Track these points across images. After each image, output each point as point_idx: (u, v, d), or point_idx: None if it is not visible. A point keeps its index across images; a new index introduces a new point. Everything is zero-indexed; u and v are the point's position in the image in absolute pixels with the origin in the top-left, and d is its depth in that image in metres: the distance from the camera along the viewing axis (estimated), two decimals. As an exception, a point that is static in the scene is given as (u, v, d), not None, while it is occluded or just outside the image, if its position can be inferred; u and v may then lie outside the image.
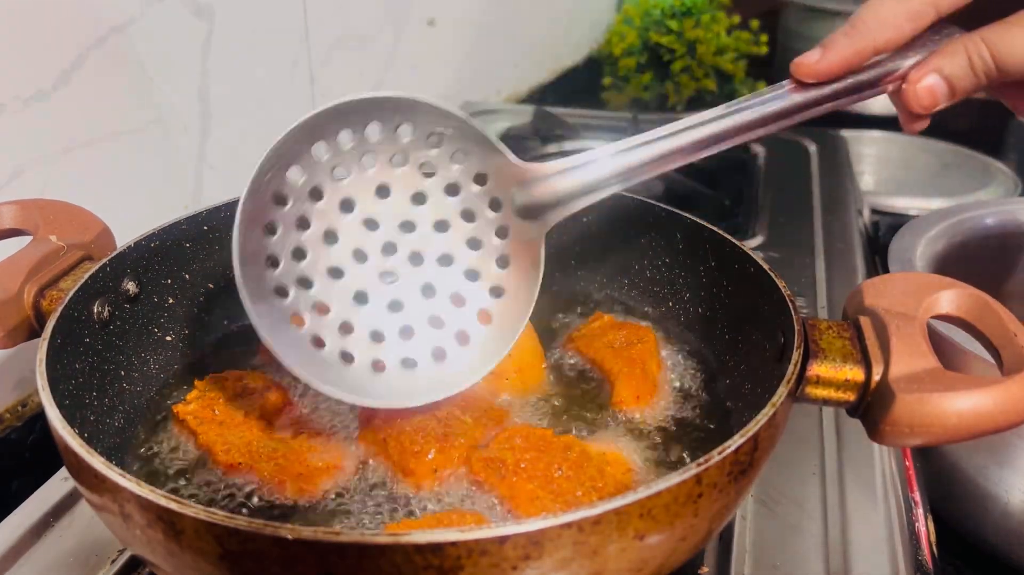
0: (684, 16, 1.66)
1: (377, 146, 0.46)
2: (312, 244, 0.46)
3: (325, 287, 0.46)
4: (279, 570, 0.34)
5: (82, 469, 0.38)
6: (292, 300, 0.46)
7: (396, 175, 0.46)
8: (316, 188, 0.46)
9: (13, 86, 0.66)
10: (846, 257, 0.92)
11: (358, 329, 0.47)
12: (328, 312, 0.46)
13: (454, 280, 0.47)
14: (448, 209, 0.47)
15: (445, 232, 0.47)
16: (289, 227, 0.46)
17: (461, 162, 0.47)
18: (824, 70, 0.45)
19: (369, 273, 0.47)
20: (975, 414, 0.40)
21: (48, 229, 0.54)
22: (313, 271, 0.46)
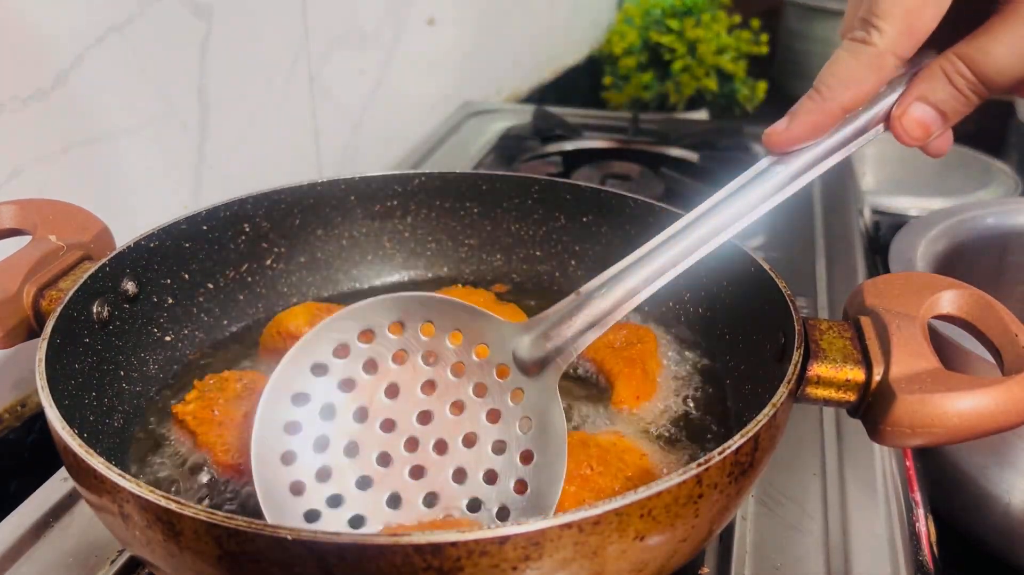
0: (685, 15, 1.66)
1: (375, 351, 0.47)
2: (335, 462, 0.46)
3: (356, 501, 0.45)
4: (278, 571, 0.34)
5: (81, 469, 0.38)
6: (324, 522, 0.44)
7: (400, 372, 0.47)
8: (326, 406, 0.46)
9: (12, 86, 0.66)
10: (846, 257, 0.92)
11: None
12: (364, 524, 0.45)
13: (483, 457, 0.46)
14: (459, 389, 0.47)
15: (462, 413, 0.47)
16: (306, 451, 0.45)
17: (458, 341, 0.47)
18: (794, 138, 0.44)
19: (397, 474, 0.46)
20: (976, 414, 0.40)
21: (47, 229, 0.54)
22: (341, 488, 0.45)
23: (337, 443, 0.46)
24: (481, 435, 0.47)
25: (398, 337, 0.47)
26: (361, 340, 0.47)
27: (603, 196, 0.66)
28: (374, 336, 0.47)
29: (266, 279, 0.66)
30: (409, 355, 0.47)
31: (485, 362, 0.47)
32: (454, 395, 0.47)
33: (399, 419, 0.47)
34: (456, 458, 0.46)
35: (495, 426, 0.47)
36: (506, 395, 0.47)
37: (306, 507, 0.45)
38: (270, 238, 0.65)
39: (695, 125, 1.36)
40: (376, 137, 1.17)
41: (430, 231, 0.70)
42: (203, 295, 0.61)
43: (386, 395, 0.47)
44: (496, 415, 0.47)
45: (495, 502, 0.45)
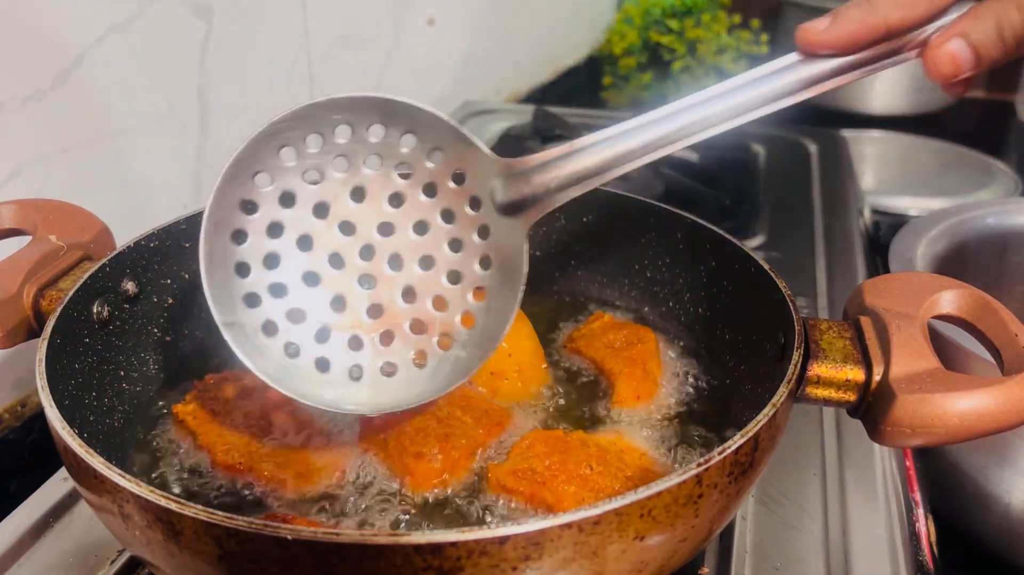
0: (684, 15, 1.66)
1: (349, 148, 0.44)
2: (285, 251, 0.45)
3: (300, 294, 0.45)
4: (278, 571, 0.34)
5: (81, 469, 0.38)
6: (264, 308, 0.44)
7: (371, 176, 0.44)
8: (287, 193, 0.44)
9: (12, 85, 0.66)
10: (846, 257, 0.92)
11: (335, 336, 0.45)
12: (304, 320, 0.45)
13: (435, 283, 0.45)
14: (426, 210, 0.45)
15: (424, 234, 0.45)
16: (260, 234, 0.44)
17: (437, 161, 0.45)
18: (831, 41, 0.42)
19: (347, 278, 0.45)
20: (976, 414, 0.40)
21: (47, 229, 0.54)
22: (287, 278, 0.45)
23: (290, 232, 0.44)
24: (439, 260, 0.45)
25: (376, 141, 0.44)
26: (337, 134, 0.43)
27: (603, 196, 0.66)
28: (352, 132, 0.44)
29: (266, 279, 0.66)
30: (383, 161, 0.44)
31: (460, 189, 0.45)
32: (420, 214, 0.45)
33: (359, 224, 0.45)
34: (408, 277, 0.45)
35: (455, 255, 0.45)
36: (473, 228, 0.45)
37: (248, 290, 0.44)
38: (270, 238, 0.65)
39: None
40: (376, 137, 1.17)
41: (430, 231, 0.70)
42: (203, 295, 0.61)
43: (351, 197, 0.45)
44: (458, 245, 0.45)
45: (437, 330, 0.45)
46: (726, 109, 0.44)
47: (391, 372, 0.46)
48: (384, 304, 0.46)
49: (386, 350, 0.46)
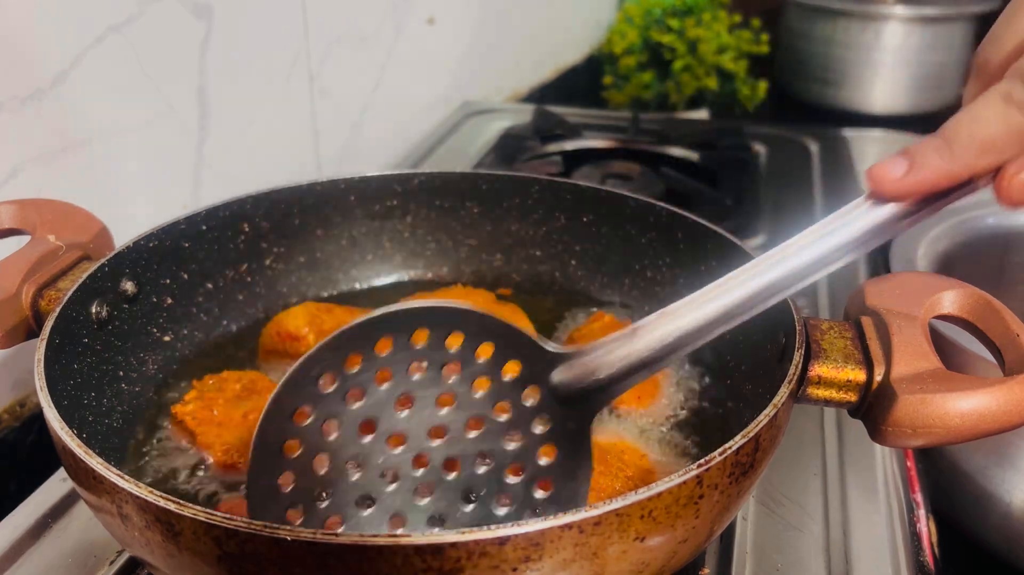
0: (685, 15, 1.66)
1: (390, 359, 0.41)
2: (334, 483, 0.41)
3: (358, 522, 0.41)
4: (277, 571, 0.34)
5: (80, 470, 0.38)
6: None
7: (417, 382, 0.41)
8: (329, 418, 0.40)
9: (11, 85, 0.66)
10: (847, 257, 0.92)
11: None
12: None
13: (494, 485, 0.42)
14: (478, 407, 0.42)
15: (478, 433, 0.42)
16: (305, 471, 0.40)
17: (487, 354, 0.42)
18: (910, 190, 0.38)
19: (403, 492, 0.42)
20: (977, 415, 0.40)
21: (46, 229, 0.54)
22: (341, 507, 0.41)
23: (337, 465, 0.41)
24: (496, 458, 0.42)
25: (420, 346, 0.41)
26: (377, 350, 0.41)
27: (603, 196, 0.66)
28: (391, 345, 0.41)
29: (265, 279, 0.66)
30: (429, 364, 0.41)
31: (514, 381, 0.42)
32: (472, 411, 0.42)
33: (410, 434, 0.42)
34: (465, 481, 0.42)
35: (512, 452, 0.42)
36: (530, 424, 0.42)
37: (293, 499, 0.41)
38: (269, 238, 0.65)
39: (695, 125, 1.36)
40: (376, 137, 1.17)
41: (430, 231, 0.70)
42: (202, 295, 0.61)
43: (396, 407, 0.42)
44: (515, 442, 0.42)
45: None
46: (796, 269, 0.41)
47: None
48: (444, 512, 0.42)
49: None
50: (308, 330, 0.58)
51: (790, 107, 1.80)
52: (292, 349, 0.58)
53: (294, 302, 0.66)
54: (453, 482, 0.42)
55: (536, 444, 0.42)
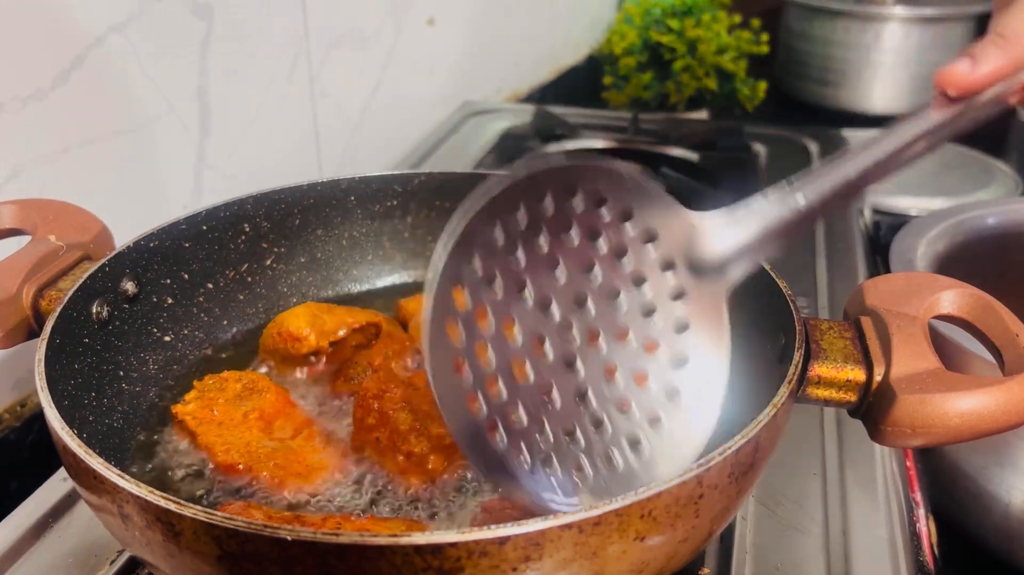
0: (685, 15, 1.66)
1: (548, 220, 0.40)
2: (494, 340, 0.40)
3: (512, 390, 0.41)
4: (278, 571, 0.34)
5: (81, 470, 0.38)
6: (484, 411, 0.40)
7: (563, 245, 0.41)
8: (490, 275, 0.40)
9: (12, 85, 0.66)
10: (847, 257, 0.92)
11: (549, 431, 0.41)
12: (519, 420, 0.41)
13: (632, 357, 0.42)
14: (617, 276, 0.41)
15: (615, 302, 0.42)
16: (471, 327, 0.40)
17: (629, 219, 0.41)
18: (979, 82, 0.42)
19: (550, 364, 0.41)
20: (977, 415, 0.40)
21: (47, 229, 0.54)
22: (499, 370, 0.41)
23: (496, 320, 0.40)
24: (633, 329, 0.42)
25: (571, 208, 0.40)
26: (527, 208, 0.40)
27: (603, 196, 0.66)
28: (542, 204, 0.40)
29: (266, 279, 0.66)
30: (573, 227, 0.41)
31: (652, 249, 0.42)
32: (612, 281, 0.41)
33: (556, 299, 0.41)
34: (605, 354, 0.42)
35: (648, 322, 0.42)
36: (667, 292, 0.42)
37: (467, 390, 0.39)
38: (270, 238, 0.65)
39: (695, 125, 1.36)
40: (376, 137, 1.17)
41: (430, 231, 0.70)
42: (203, 295, 0.61)
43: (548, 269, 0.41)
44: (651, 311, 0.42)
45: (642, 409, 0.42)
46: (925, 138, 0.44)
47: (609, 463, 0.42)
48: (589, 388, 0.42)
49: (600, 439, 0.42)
50: (309, 330, 0.58)
51: (790, 107, 1.80)
52: (293, 349, 0.58)
53: (295, 302, 0.66)
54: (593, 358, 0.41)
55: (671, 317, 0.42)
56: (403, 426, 0.49)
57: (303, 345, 0.58)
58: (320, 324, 0.59)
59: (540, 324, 0.41)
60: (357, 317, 0.61)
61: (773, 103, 1.73)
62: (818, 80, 1.74)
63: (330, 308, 0.61)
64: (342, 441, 0.51)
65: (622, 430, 0.42)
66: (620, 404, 0.42)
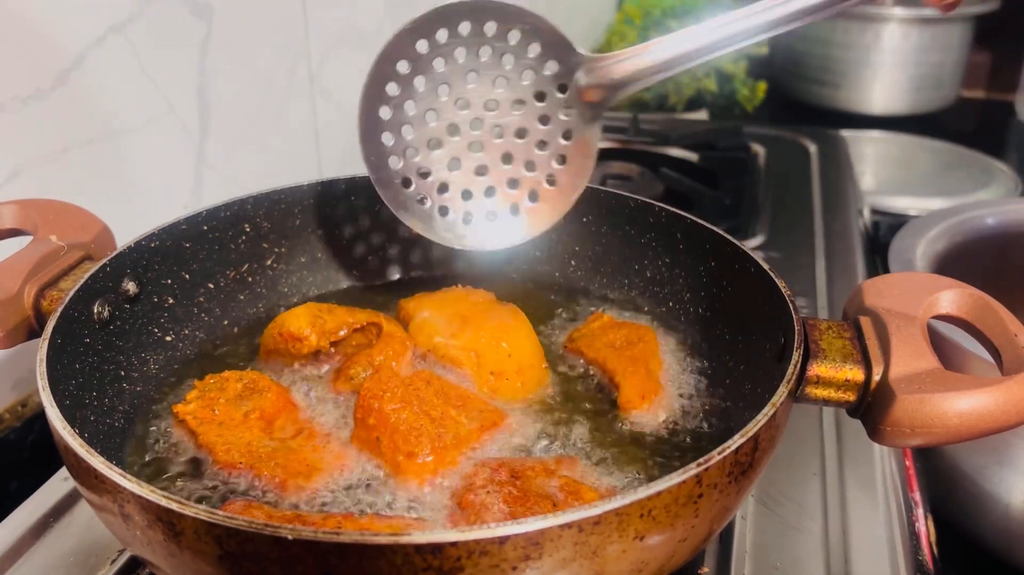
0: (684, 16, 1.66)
1: (467, 40, 0.55)
2: (417, 121, 0.57)
3: (426, 156, 0.57)
4: (278, 570, 0.34)
5: (82, 469, 0.38)
6: (402, 167, 0.57)
7: (482, 63, 0.55)
8: (419, 77, 0.56)
9: (12, 86, 0.66)
10: (846, 257, 0.92)
11: (452, 189, 0.58)
12: (429, 176, 0.58)
13: (527, 149, 0.57)
14: (523, 91, 0.56)
15: (521, 110, 0.56)
16: (398, 108, 0.56)
17: (535, 52, 0.55)
18: None
19: (461, 144, 0.57)
20: (976, 414, 0.40)
21: (48, 229, 0.54)
22: (418, 143, 0.57)
23: (420, 106, 0.56)
24: (531, 132, 0.57)
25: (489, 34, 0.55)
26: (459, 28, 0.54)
27: (603, 196, 0.66)
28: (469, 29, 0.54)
29: (266, 279, 0.66)
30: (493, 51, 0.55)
31: (552, 75, 0.55)
32: (518, 94, 0.56)
33: (472, 101, 0.56)
34: (507, 144, 0.57)
35: (544, 128, 0.57)
36: (560, 108, 0.56)
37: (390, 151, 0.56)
38: (270, 238, 0.65)
39: (695, 125, 1.36)
40: (376, 137, 1.17)
41: (430, 231, 0.70)
42: (203, 295, 0.61)
43: (466, 78, 0.56)
44: (546, 120, 0.56)
45: (528, 186, 0.58)
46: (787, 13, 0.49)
47: (493, 218, 0.59)
48: (489, 165, 0.58)
49: (489, 201, 0.59)
50: (310, 331, 0.58)
51: (789, 108, 1.80)
52: (294, 349, 0.58)
53: (295, 302, 0.66)
54: (497, 145, 0.57)
55: (560, 125, 0.56)
56: (403, 426, 0.49)
57: (304, 345, 0.58)
58: (321, 324, 0.59)
59: (457, 115, 0.57)
60: (358, 317, 0.61)
61: (772, 104, 1.73)
62: (817, 81, 1.74)
63: (331, 308, 0.61)
64: (343, 440, 0.51)
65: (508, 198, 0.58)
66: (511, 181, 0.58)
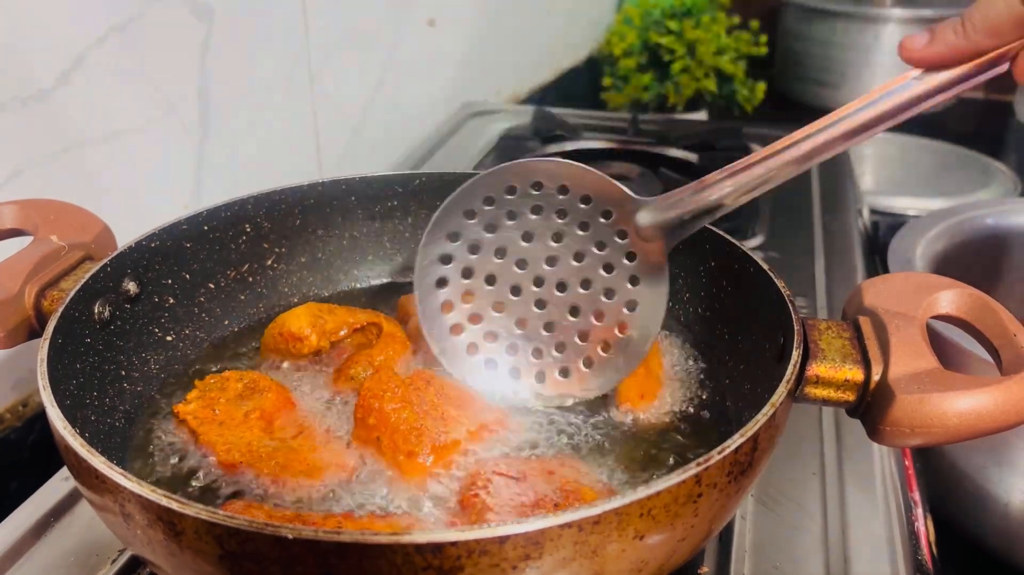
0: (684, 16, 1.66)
1: (516, 203, 0.54)
2: (477, 289, 0.56)
3: (492, 320, 0.57)
4: (279, 570, 0.34)
5: (83, 469, 0.38)
6: (466, 335, 0.57)
7: (537, 222, 0.55)
8: (474, 243, 0.55)
9: (13, 86, 0.66)
10: (846, 257, 0.92)
11: (521, 350, 0.57)
12: (496, 339, 0.57)
13: (594, 299, 0.55)
14: (583, 243, 0.55)
15: (582, 262, 0.55)
16: (456, 278, 0.56)
17: (589, 203, 0.54)
18: (927, 59, 0.46)
19: (525, 303, 0.56)
20: (975, 414, 0.40)
21: (49, 229, 0.54)
22: (481, 309, 0.56)
23: (480, 273, 0.56)
24: (595, 280, 0.55)
25: (537, 193, 0.54)
26: (506, 193, 0.54)
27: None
28: (516, 191, 0.54)
29: (267, 279, 0.66)
30: (544, 209, 0.54)
31: (609, 223, 0.54)
32: (578, 246, 0.55)
33: (531, 260, 0.56)
34: (572, 297, 0.55)
35: (608, 275, 0.55)
36: (622, 254, 0.54)
37: (452, 322, 0.56)
38: (271, 238, 0.65)
39: (694, 126, 1.37)
40: (377, 138, 1.17)
41: (430, 231, 0.70)
42: (204, 295, 0.61)
43: (522, 239, 0.55)
44: (610, 268, 0.55)
45: (599, 337, 0.55)
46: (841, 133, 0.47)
47: (566, 374, 0.56)
48: (556, 321, 0.56)
49: (561, 356, 0.56)
50: (311, 331, 0.59)
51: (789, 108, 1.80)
52: (294, 349, 0.59)
53: (296, 302, 0.66)
54: (562, 298, 0.56)
55: (625, 272, 0.54)
56: (404, 426, 0.49)
57: (304, 345, 0.58)
58: (321, 324, 0.59)
59: (518, 277, 0.56)
60: (358, 317, 0.61)
61: (772, 104, 1.73)
62: (817, 81, 1.74)
63: (331, 308, 0.61)
64: (343, 440, 0.51)
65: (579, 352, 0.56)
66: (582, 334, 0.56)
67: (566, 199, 0.54)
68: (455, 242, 0.55)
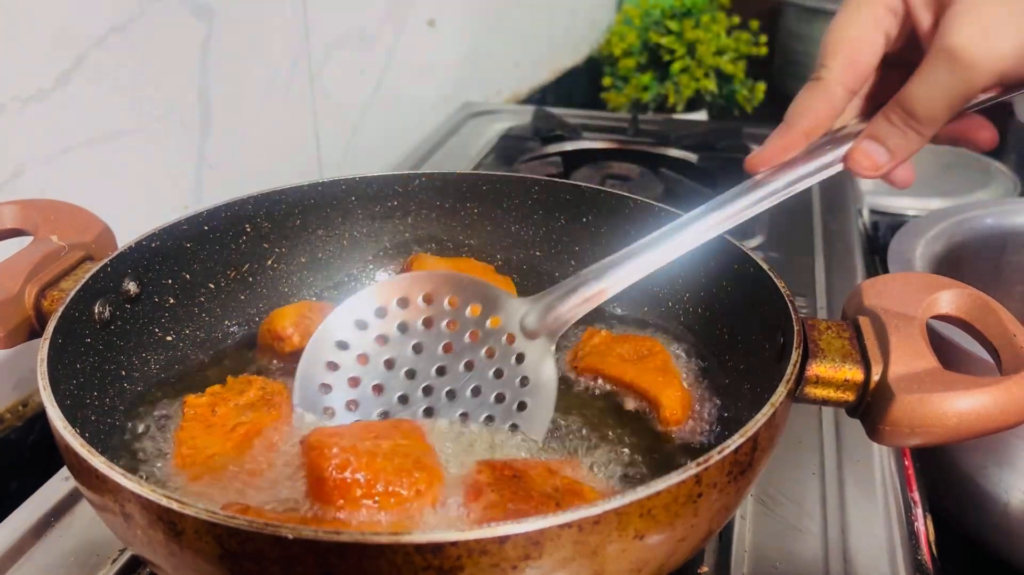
0: (684, 17, 1.66)
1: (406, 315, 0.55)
2: (363, 397, 0.54)
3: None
4: (279, 570, 0.34)
5: (83, 469, 0.38)
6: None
7: (426, 334, 0.55)
8: (362, 354, 0.55)
9: (13, 86, 0.66)
10: (846, 257, 0.92)
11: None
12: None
13: (484, 406, 0.54)
14: (472, 352, 0.55)
15: (472, 370, 0.55)
16: (341, 385, 0.54)
17: (479, 312, 0.55)
18: (766, 159, 0.52)
19: (412, 413, 0.54)
20: (975, 414, 0.40)
21: (49, 229, 0.54)
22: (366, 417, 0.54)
23: (367, 382, 0.54)
24: (485, 388, 0.54)
25: (428, 306, 0.55)
26: (398, 305, 0.55)
27: (603, 196, 0.66)
28: (408, 303, 0.55)
29: (267, 279, 0.66)
30: (435, 321, 0.55)
31: (497, 330, 0.55)
32: (468, 356, 0.55)
33: (420, 370, 0.55)
34: (463, 404, 0.54)
35: (499, 381, 0.54)
36: (511, 358, 0.54)
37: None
38: (271, 238, 0.65)
39: (694, 126, 1.37)
40: (377, 138, 1.17)
41: (430, 231, 0.70)
42: (204, 295, 0.61)
43: (412, 351, 0.55)
44: (501, 373, 0.55)
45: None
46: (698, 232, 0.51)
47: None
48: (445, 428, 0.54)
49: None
50: (293, 330, 0.58)
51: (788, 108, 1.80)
52: (278, 347, 0.58)
53: (295, 302, 0.66)
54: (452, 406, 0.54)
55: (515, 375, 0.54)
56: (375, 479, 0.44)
57: (286, 344, 0.58)
58: (306, 324, 0.58)
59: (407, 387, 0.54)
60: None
61: (772, 104, 1.73)
62: (817, 81, 1.74)
63: (323, 308, 0.61)
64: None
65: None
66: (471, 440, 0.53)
67: (456, 311, 0.55)
68: (343, 351, 0.54)
